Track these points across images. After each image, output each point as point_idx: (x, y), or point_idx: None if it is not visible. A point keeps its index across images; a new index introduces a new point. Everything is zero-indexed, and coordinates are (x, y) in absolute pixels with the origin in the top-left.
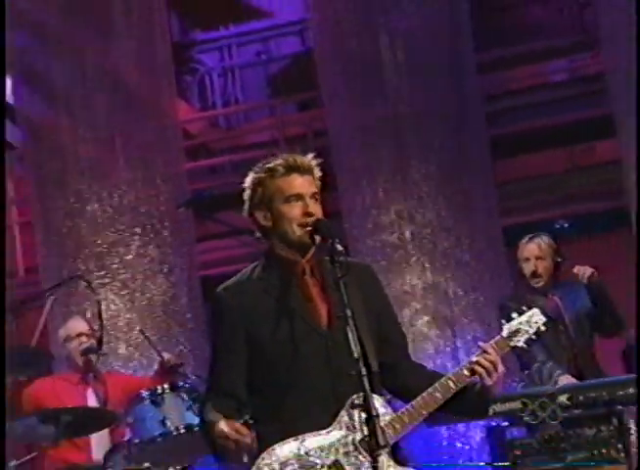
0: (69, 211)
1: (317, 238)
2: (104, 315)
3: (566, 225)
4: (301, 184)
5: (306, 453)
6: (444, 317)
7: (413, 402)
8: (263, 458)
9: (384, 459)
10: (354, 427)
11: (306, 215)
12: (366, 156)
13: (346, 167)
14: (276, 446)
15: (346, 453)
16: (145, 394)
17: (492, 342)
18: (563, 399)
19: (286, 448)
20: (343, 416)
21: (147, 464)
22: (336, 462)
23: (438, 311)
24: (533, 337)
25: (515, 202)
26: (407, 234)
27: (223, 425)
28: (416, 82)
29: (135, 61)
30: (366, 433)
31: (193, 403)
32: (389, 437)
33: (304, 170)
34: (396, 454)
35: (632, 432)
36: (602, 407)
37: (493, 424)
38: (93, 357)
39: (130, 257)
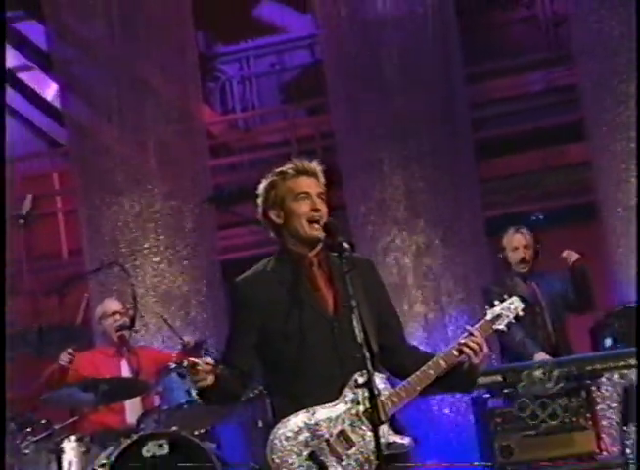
0: (108, 201)
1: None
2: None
3: (541, 217)
4: (309, 185)
5: (316, 424)
6: (435, 296)
7: (409, 379)
8: (279, 428)
9: (384, 428)
10: (358, 401)
11: (314, 211)
12: (367, 155)
13: (349, 165)
14: (290, 417)
15: (352, 424)
16: (172, 366)
17: (477, 325)
18: (538, 373)
19: (298, 419)
20: (348, 392)
21: (174, 428)
22: (342, 431)
23: (430, 290)
24: (513, 321)
25: (497, 197)
26: (402, 224)
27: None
28: (412, 91)
29: (166, 70)
30: (368, 406)
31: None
32: (389, 409)
33: (311, 173)
34: (395, 424)
35: (599, 402)
36: (572, 381)
37: (477, 395)
38: (126, 333)
39: (158, 243)
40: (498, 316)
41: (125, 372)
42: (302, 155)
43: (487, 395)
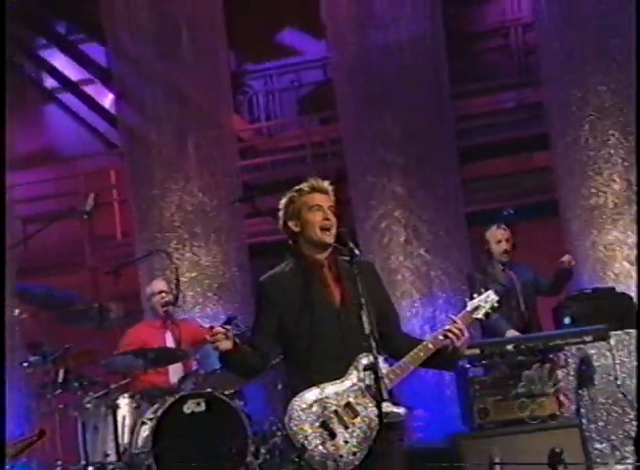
0: (154, 195)
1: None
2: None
3: (512, 212)
4: (320, 199)
5: (326, 397)
6: (424, 274)
7: (403, 360)
8: (295, 401)
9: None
10: (361, 379)
11: (325, 220)
12: (370, 158)
13: (355, 166)
14: (304, 392)
15: (356, 397)
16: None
17: (460, 315)
18: (510, 347)
19: (311, 394)
20: (353, 371)
21: (209, 389)
22: (348, 404)
23: (419, 270)
24: (490, 311)
25: (476, 195)
26: (399, 217)
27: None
28: (408, 107)
29: (203, 84)
30: (369, 382)
31: None
32: (387, 385)
33: (323, 190)
34: (392, 397)
35: (560, 371)
36: (538, 354)
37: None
38: (170, 309)
39: (196, 230)
40: (477, 307)
41: (169, 341)
42: (316, 157)
43: (468, 366)
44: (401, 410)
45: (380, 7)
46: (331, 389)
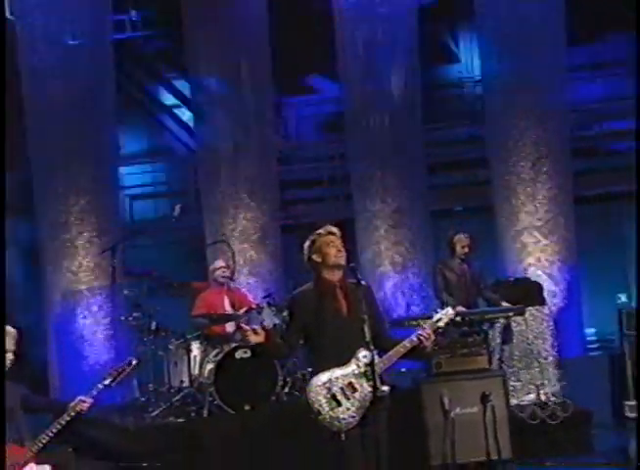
0: (219, 192)
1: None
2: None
3: (460, 209)
4: (333, 239)
5: (335, 378)
6: (398, 255)
7: (389, 353)
8: (313, 380)
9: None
10: (360, 366)
11: (339, 252)
12: (367, 171)
13: (357, 176)
14: (319, 374)
15: (356, 378)
16: (253, 305)
17: (428, 324)
18: (458, 319)
19: (324, 375)
20: (354, 361)
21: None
22: (350, 383)
23: (396, 252)
24: (448, 321)
25: (439, 198)
26: (381, 215)
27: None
28: (394, 135)
29: (255, 108)
30: (365, 369)
31: (277, 313)
32: (377, 371)
33: (334, 234)
34: (381, 379)
35: (490, 337)
36: (477, 325)
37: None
38: (228, 281)
39: (242, 223)
40: (440, 319)
41: (227, 304)
42: (334, 170)
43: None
44: (386, 388)
45: (376, 63)
46: (338, 372)
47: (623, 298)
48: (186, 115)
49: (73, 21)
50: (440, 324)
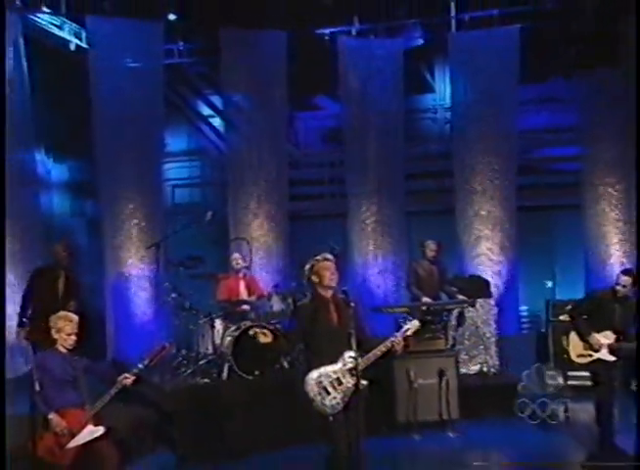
0: (241, 186)
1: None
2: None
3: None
4: (329, 265)
5: (326, 374)
6: (379, 245)
7: (368, 355)
8: (308, 375)
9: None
10: (345, 364)
11: (332, 275)
12: (360, 176)
13: (353, 180)
14: (313, 370)
15: (342, 374)
16: (264, 293)
17: (398, 333)
18: (424, 308)
19: (316, 372)
20: (340, 360)
21: (263, 322)
22: (337, 378)
23: (379, 242)
24: (415, 331)
25: (412, 200)
26: (368, 212)
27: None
28: (382, 150)
29: (272, 122)
30: (350, 367)
31: (283, 300)
32: (359, 368)
33: (330, 260)
34: (362, 375)
35: (448, 323)
36: (439, 313)
37: (396, 318)
38: (245, 270)
39: (259, 209)
40: (409, 328)
41: (242, 288)
42: (333, 174)
43: (402, 319)
44: (365, 382)
45: (370, 90)
46: (329, 368)
47: (549, 284)
48: (218, 123)
49: (134, 49)
50: (409, 333)
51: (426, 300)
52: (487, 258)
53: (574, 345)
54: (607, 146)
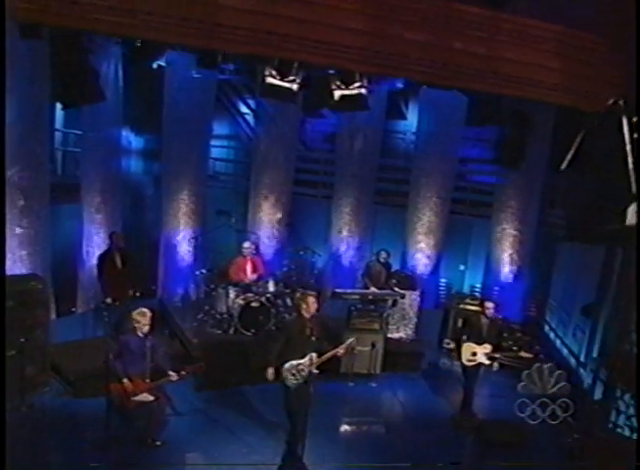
0: (262, 167)
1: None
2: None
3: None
4: (312, 299)
5: (297, 364)
6: (355, 237)
7: (326, 355)
8: (285, 365)
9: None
10: (309, 360)
11: (313, 305)
12: (342, 171)
13: (340, 180)
14: (289, 362)
15: (306, 365)
16: (262, 273)
17: (343, 345)
18: (370, 296)
19: (289, 364)
20: (307, 357)
21: (263, 298)
22: (303, 367)
23: (352, 234)
24: (351, 342)
25: (380, 196)
26: (346, 202)
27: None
28: (363, 157)
29: (288, 125)
30: (312, 362)
31: (277, 285)
32: (316, 363)
33: (313, 296)
34: (319, 367)
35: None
36: (379, 302)
37: (351, 303)
38: (253, 253)
39: (272, 189)
40: (352, 341)
41: (249, 267)
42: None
43: (357, 305)
44: (317, 371)
45: (360, 113)
46: (299, 361)
47: (462, 267)
48: (251, 118)
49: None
50: (347, 342)
51: (373, 290)
52: (423, 252)
53: (464, 352)
54: (513, 181)
